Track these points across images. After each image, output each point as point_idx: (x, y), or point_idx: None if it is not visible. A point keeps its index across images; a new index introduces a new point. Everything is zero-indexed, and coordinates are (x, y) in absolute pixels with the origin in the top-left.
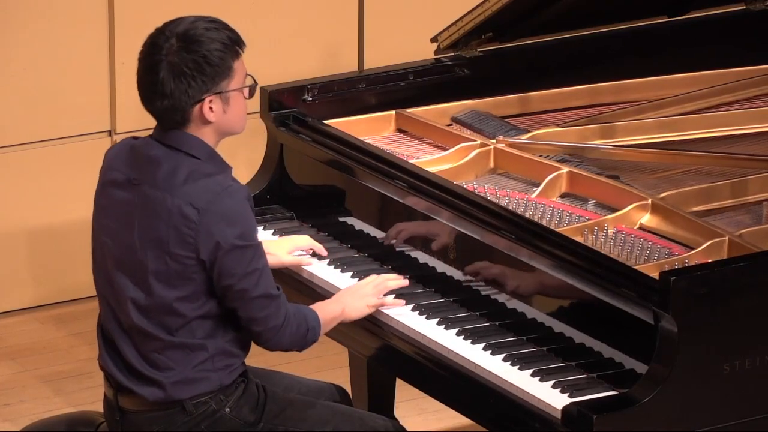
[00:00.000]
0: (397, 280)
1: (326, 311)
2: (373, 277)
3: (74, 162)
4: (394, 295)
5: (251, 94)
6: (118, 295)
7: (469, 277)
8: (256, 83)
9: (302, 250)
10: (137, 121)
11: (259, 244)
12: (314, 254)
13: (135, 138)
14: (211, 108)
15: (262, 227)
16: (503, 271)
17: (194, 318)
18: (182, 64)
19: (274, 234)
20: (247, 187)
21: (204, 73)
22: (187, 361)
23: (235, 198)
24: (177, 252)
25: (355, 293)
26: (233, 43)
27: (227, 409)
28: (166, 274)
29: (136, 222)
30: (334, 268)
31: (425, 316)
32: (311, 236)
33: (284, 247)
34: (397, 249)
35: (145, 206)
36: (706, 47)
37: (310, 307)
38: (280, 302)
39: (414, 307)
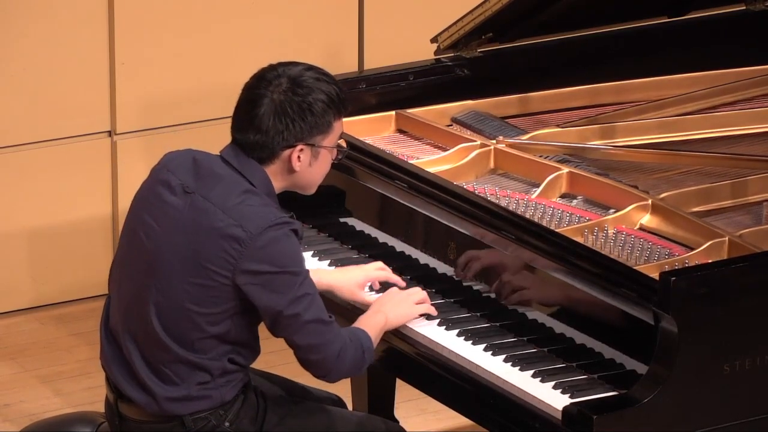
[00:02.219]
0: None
1: (372, 325)
2: (414, 290)
3: (74, 162)
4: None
5: (339, 159)
6: (141, 296)
7: (469, 279)
8: (347, 149)
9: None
10: (137, 121)
11: (308, 274)
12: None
13: (197, 151)
14: (299, 157)
15: None
16: (503, 272)
17: (211, 337)
18: (286, 105)
19: None
20: (300, 223)
21: (304, 120)
22: (191, 379)
23: (284, 229)
24: (213, 269)
25: (393, 299)
26: (339, 102)
27: (227, 424)
28: (195, 286)
29: (179, 229)
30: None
31: (426, 317)
32: (313, 236)
33: (354, 281)
34: (398, 250)
35: (194, 216)
36: (706, 47)
37: (357, 325)
38: (334, 328)
39: None
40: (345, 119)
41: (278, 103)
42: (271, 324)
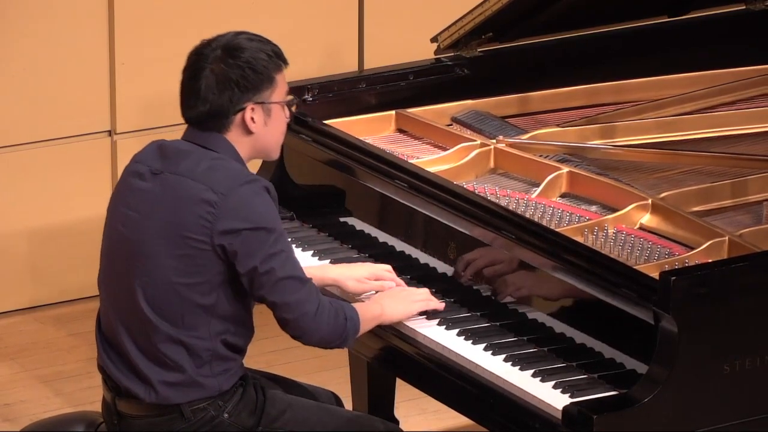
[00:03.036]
0: (434, 302)
1: (365, 309)
2: (415, 289)
3: (74, 162)
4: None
5: (291, 114)
6: (126, 283)
7: (468, 281)
8: (296, 101)
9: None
10: (137, 121)
11: (283, 231)
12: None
13: (162, 140)
14: (252, 118)
15: None
16: (503, 272)
17: (199, 309)
18: (226, 71)
19: None
20: (269, 182)
21: (247, 79)
22: (184, 362)
23: (255, 186)
24: (192, 236)
25: (394, 296)
26: (277, 56)
27: (226, 415)
28: (178, 258)
29: (156, 209)
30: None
31: (426, 316)
32: (313, 236)
33: (354, 274)
34: (398, 250)
35: (165, 192)
36: (706, 47)
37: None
38: (311, 288)
39: None
40: (345, 119)
41: (218, 72)
42: (248, 284)
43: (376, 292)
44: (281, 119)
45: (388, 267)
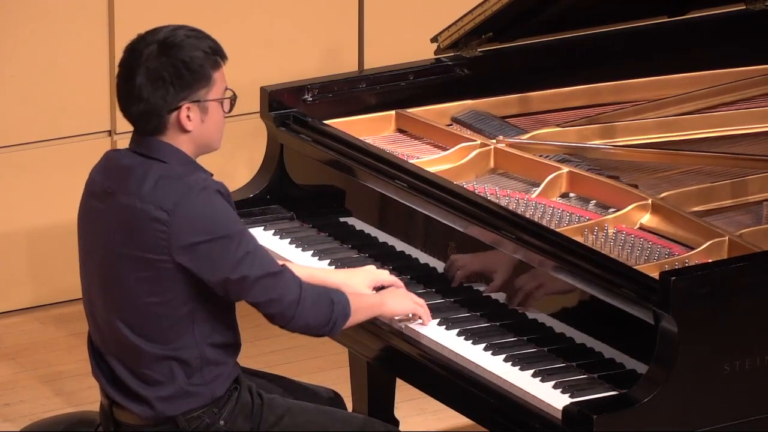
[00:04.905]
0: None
1: (361, 297)
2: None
3: (74, 162)
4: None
5: (230, 108)
6: (103, 311)
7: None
8: (235, 96)
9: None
10: None
11: (243, 230)
12: None
13: (114, 150)
14: (188, 116)
15: (262, 227)
16: (503, 272)
17: (180, 321)
18: (161, 70)
19: (274, 234)
20: (220, 182)
21: (182, 78)
22: (176, 375)
23: (204, 195)
24: (152, 257)
25: (396, 292)
26: (214, 53)
27: (221, 422)
28: (145, 281)
29: (112, 231)
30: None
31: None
32: (313, 236)
33: (362, 281)
34: (398, 250)
35: (119, 215)
36: (706, 47)
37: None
38: (287, 277)
39: None
40: (345, 119)
41: (153, 70)
42: (222, 292)
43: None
44: (219, 114)
45: (395, 279)
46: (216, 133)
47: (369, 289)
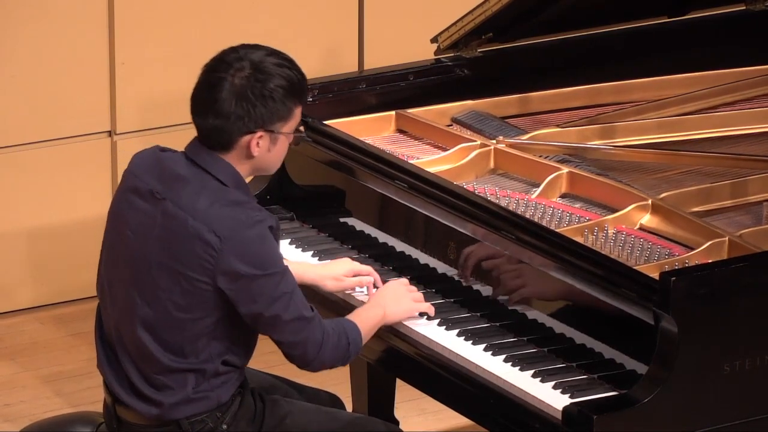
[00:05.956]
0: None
1: (366, 318)
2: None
3: (74, 162)
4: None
5: (297, 143)
6: (125, 312)
7: (469, 276)
8: (304, 135)
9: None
10: (137, 121)
11: (286, 269)
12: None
13: (163, 149)
14: (258, 143)
15: None
16: (503, 272)
17: (202, 340)
18: (247, 90)
19: None
20: (274, 216)
21: (265, 106)
22: (187, 383)
23: (258, 228)
24: (192, 275)
25: (395, 293)
26: (300, 89)
27: (224, 426)
28: (178, 294)
29: (154, 237)
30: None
31: (426, 317)
32: (313, 236)
33: (331, 273)
34: (398, 250)
35: (166, 223)
36: (706, 47)
37: (349, 317)
38: (315, 323)
39: None
40: (345, 119)
41: (239, 88)
42: (252, 323)
43: (355, 289)
44: (285, 147)
45: (370, 268)
46: (277, 163)
47: (347, 280)
